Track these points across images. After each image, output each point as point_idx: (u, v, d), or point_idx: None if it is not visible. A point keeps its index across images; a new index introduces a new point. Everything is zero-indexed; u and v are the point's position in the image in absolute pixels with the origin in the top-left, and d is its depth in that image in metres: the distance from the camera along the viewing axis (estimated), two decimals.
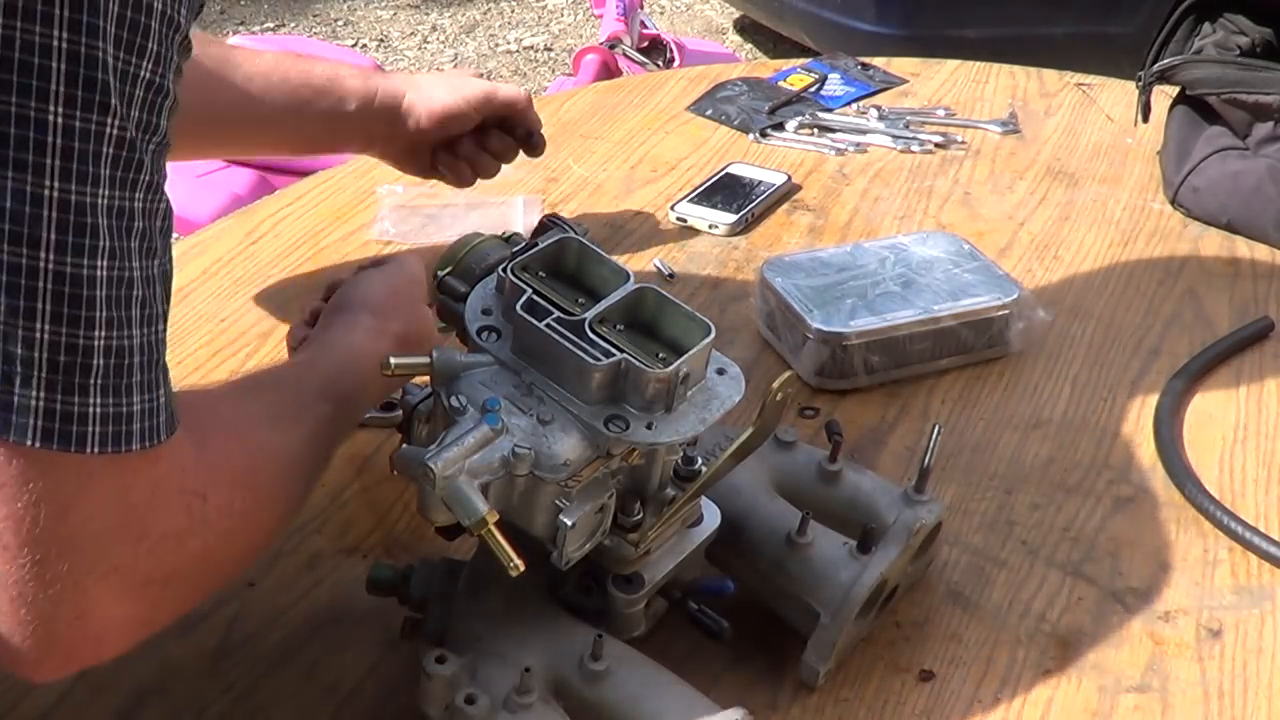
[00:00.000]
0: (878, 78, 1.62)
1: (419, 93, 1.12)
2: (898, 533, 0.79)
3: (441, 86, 1.14)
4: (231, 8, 4.45)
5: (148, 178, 0.56)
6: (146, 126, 0.55)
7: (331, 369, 0.77)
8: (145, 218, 0.56)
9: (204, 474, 0.60)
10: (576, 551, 0.69)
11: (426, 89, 1.13)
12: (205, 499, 0.60)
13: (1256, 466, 1.00)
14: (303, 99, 1.09)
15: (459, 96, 1.12)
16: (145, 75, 0.55)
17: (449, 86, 1.14)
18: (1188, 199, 1.34)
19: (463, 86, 1.14)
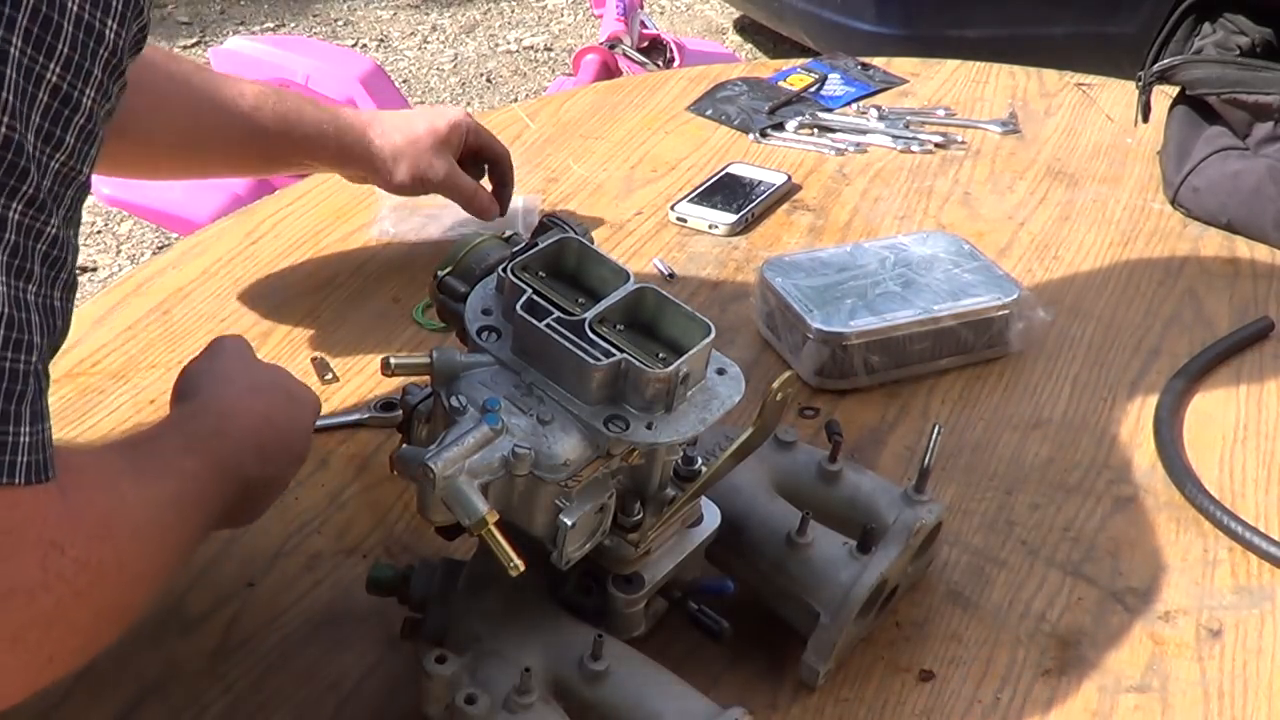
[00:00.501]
0: (878, 78, 1.61)
1: (399, 145, 1.14)
2: (898, 533, 0.79)
3: (425, 144, 1.16)
4: (231, 8, 4.45)
5: (31, 191, 0.50)
6: (46, 137, 0.51)
7: (201, 427, 0.73)
8: (21, 233, 0.50)
9: (64, 524, 0.54)
10: (576, 551, 0.69)
11: (404, 141, 1.15)
12: (63, 551, 0.54)
13: (1256, 466, 1.00)
14: (276, 137, 1.09)
15: (436, 156, 1.15)
16: (51, 79, 0.50)
17: (429, 140, 1.16)
18: (1188, 199, 1.34)
19: (443, 133, 1.16)
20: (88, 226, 3.14)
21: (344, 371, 1.06)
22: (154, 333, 1.10)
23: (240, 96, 1.07)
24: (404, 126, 1.15)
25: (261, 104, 1.08)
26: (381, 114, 1.18)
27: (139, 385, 1.03)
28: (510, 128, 1.48)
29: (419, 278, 1.18)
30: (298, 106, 1.11)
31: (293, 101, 1.11)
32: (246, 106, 1.07)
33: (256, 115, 1.08)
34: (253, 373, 0.81)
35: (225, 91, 1.07)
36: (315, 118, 1.11)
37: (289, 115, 1.09)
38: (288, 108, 1.10)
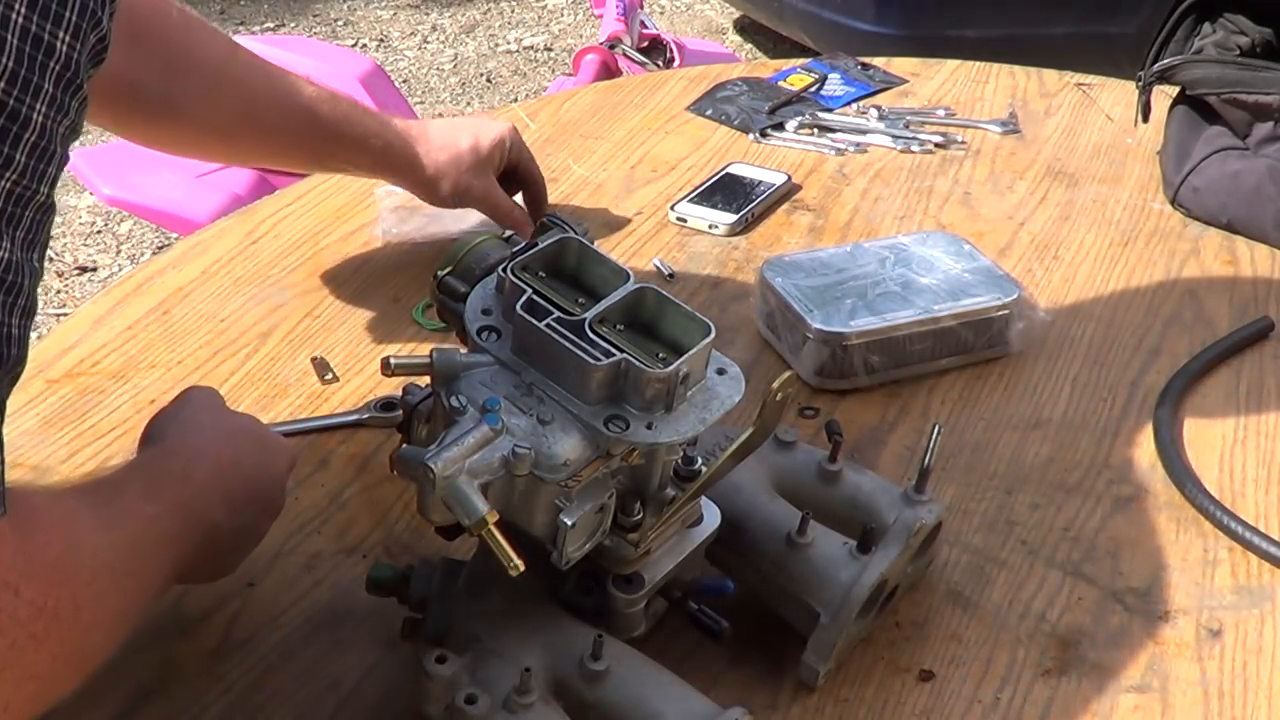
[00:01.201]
0: (878, 78, 1.61)
1: (443, 165, 1.16)
2: (898, 533, 0.79)
3: (469, 165, 1.17)
4: (231, 8, 4.45)
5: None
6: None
7: (165, 471, 0.71)
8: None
9: (18, 565, 0.52)
10: (576, 551, 0.69)
11: (449, 163, 1.16)
12: (17, 592, 0.52)
13: (1256, 466, 1.00)
14: (330, 146, 1.11)
15: (482, 179, 1.18)
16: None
17: (474, 160, 1.18)
18: (1188, 199, 1.34)
19: (486, 152, 1.18)
20: (87, 226, 3.14)
21: (344, 371, 1.06)
22: (154, 333, 1.10)
23: (298, 91, 1.08)
24: (449, 143, 1.16)
25: (318, 102, 1.09)
26: (429, 127, 1.18)
27: (139, 385, 1.03)
28: None
29: (419, 278, 1.18)
30: (351, 110, 1.12)
31: (346, 105, 1.11)
32: (304, 101, 1.08)
33: (312, 111, 1.08)
34: (222, 420, 0.80)
35: (283, 83, 1.08)
36: (367, 124, 1.12)
37: (343, 117, 1.10)
38: (343, 110, 1.11)
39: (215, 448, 0.75)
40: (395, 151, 1.13)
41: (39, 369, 1.04)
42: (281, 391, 1.03)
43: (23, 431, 0.97)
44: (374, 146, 1.12)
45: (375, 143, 1.12)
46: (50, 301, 2.85)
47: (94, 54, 0.52)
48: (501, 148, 1.18)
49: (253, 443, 0.79)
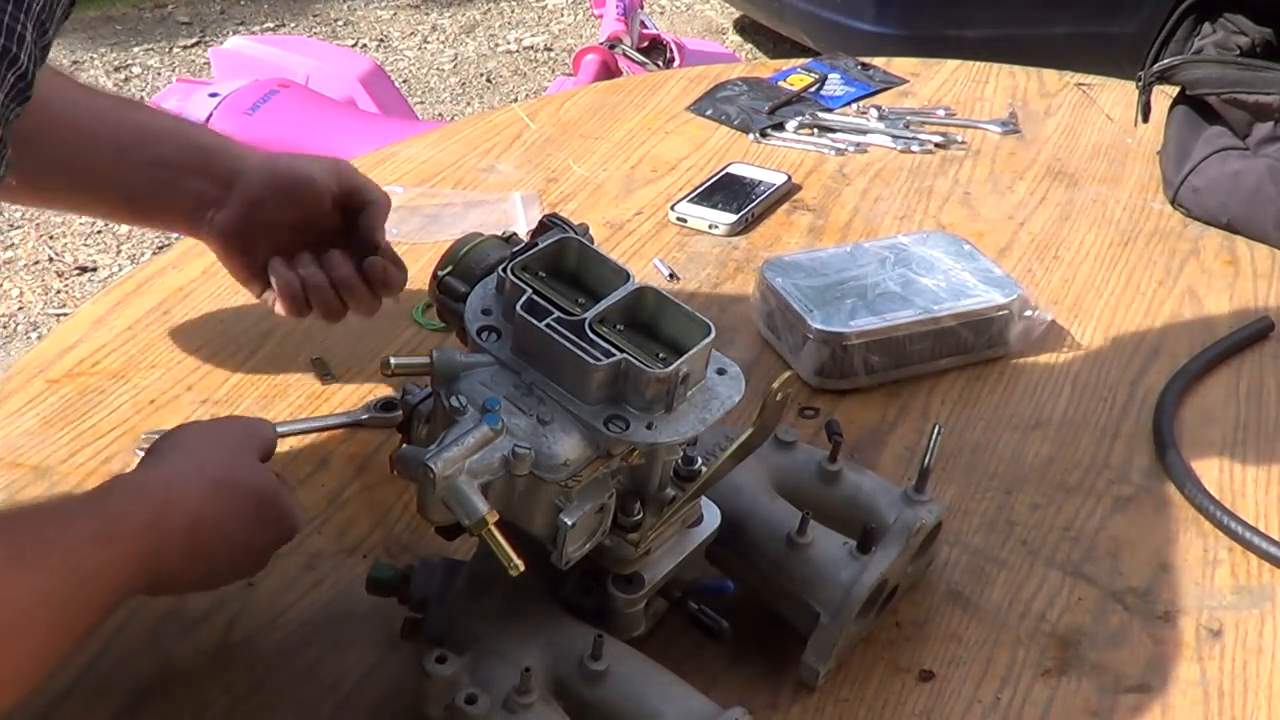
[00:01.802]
0: (878, 78, 1.61)
1: (264, 156, 0.98)
2: (898, 533, 0.79)
3: (291, 156, 1.00)
4: (231, 8, 4.45)
5: None
6: None
7: (132, 513, 0.67)
8: None
9: None
10: (576, 551, 0.69)
11: (272, 155, 0.98)
12: None
13: (1256, 466, 1.00)
14: (129, 142, 0.94)
15: (311, 164, 0.98)
16: None
17: (299, 156, 1.00)
18: (1188, 199, 1.34)
19: (318, 159, 1.00)
20: (87, 226, 3.14)
21: (344, 371, 1.06)
22: (154, 333, 1.10)
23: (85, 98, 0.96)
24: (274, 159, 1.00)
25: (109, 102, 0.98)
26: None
27: (139, 385, 1.03)
28: (510, 128, 1.48)
29: (419, 278, 1.18)
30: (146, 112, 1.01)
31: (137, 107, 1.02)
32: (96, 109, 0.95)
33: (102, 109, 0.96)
34: (234, 469, 0.75)
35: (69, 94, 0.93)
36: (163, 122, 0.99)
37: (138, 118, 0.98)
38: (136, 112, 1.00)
39: (203, 500, 0.71)
40: (207, 138, 0.99)
41: (39, 369, 1.04)
42: (281, 391, 1.03)
43: (23, 431, 0.97)
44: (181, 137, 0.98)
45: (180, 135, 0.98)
46: (50, 301, 2.85)
47: (16, 92, 0.52)
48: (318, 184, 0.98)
49: (252, 507, 0.74)
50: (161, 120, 0.99)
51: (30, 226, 3.15)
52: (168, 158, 0.94)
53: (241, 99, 2.24)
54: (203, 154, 0.96)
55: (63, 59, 4.01)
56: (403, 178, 1.36)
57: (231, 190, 0.95)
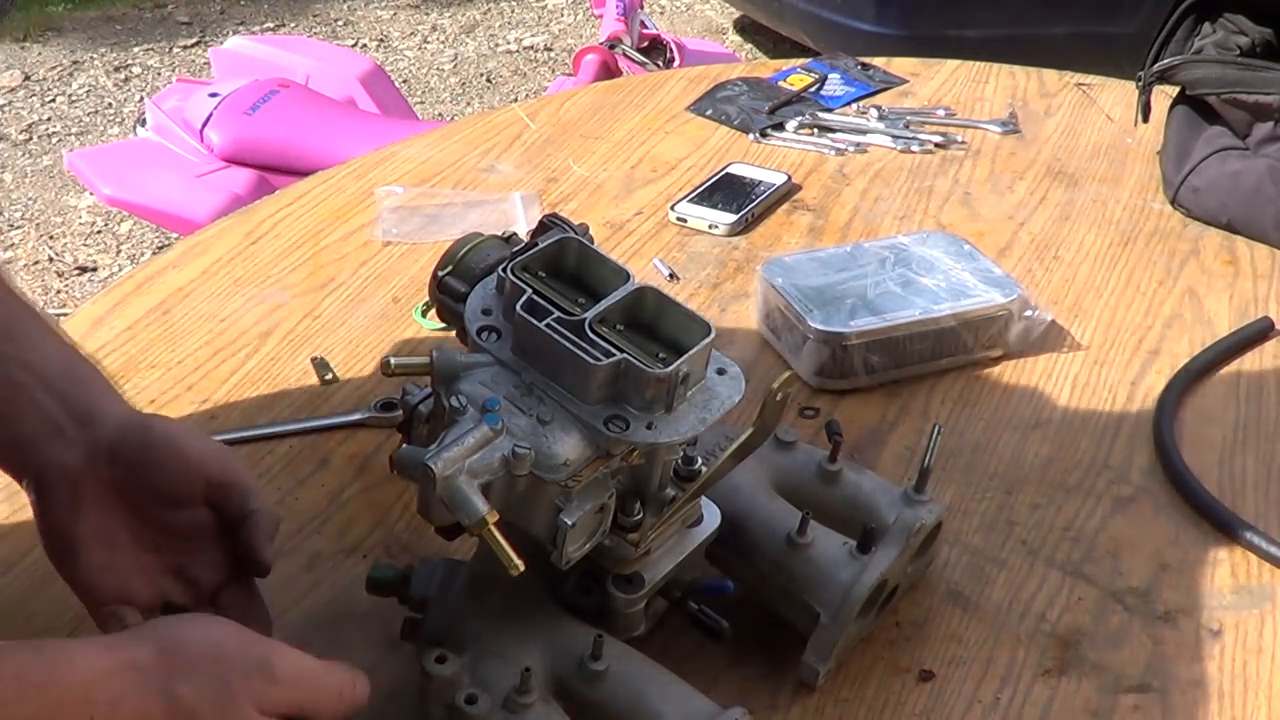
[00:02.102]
0: (878, 78, 1.61)
1: (133, 411, 0.76)
2: (898, 533, 0.79)
3: (169, 420, 0.79)
4: (231, 8, 4.45)
5: None
6: None
7: (45, 696, 0.57)
8: None
9: None
10: (576, 551, 0.69)
11: (147, 415, 0.78)
12: None
13: (1256, 466, 1.00)
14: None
15: (191, 434, 0.77)
16: None
17: (178, 424, 0.80)
18: (1188, 199, 1.34)
19: (202, 436, 0.79)
20: (87, 226, 3.14)
21: (344, 371, 1.06)
22: (154, 333, 1.10)
23: None
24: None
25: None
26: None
27: (139, 385, 1.03)
28: (510, 128, 1.48)
29: (419, 278, 1.18)
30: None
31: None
32: None
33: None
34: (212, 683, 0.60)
35: None
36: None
37: None
38: None
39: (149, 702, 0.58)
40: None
41: None
42: (281, 391, 1.03)
43: None
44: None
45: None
46: (50, 301, 2.85)
47: None
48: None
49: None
50: (38, 322, 0.76)
51: (30, 226, 3.15)
52: (33, 365, 0.73)
53: (241, 99, 2.24)
54: (75, 378, 0.74)
55: (62, 59, 4.02)
56: (403, 178, 1.36)
57: (85, 429, 0.72)
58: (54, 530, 0.72)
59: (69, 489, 0.72)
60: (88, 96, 3.81)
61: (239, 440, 0.97)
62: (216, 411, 1.01)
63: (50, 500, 0.72)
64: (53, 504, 0.72)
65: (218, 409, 1.01)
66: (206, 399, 1.02)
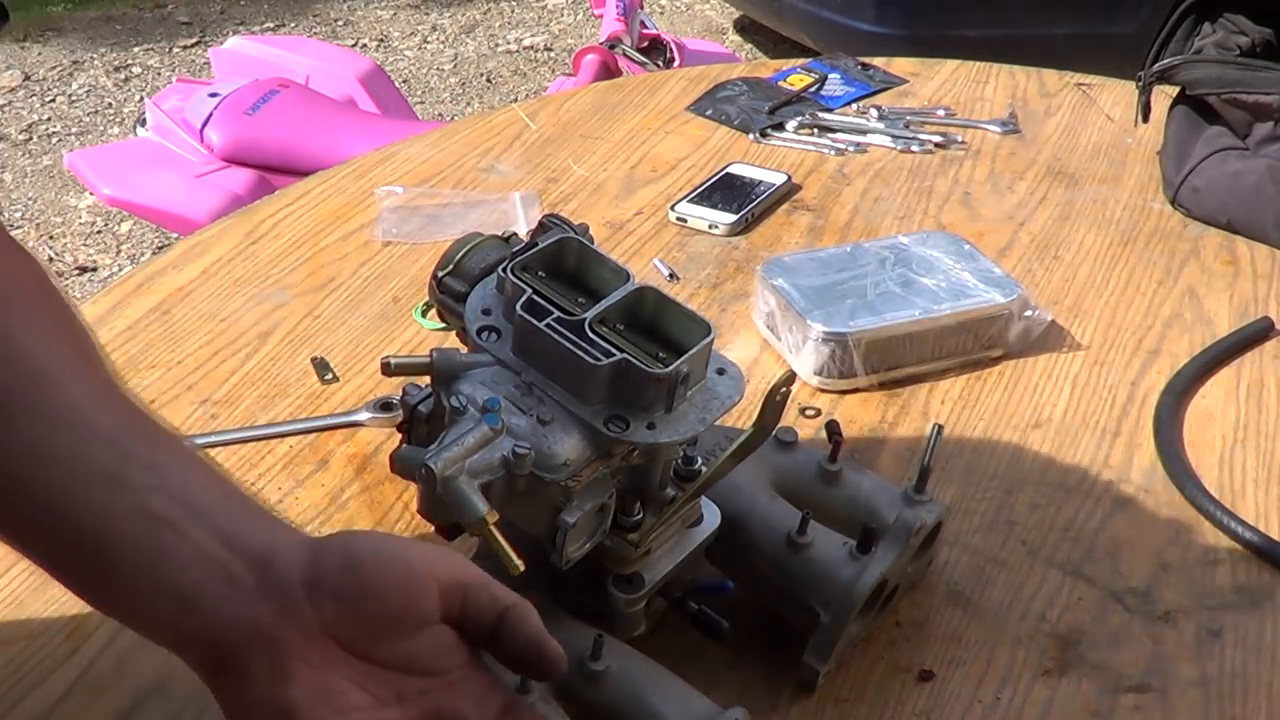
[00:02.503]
0: (878, 78, 1.62)
1: (307, 537, 0.60)
2: (898, 533, 0.79)
3: (357, 534, 0.67)
4: (231, 8, 4.45)
5: None
6: None
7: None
8: None
9: None
10: (576, 551, 0.69)
11: (325, 538, 0.60)
12: None
13: (1256, 466, 1.00)
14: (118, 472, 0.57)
15: (402, 544, 0.61)
16: None
17: (375, 535, 0.69)
18: (1188, 199, 1.34)
19: (411, 542, 0.63)
20: (87, 226, 3.14)
21: (344, 371, 1.06)
22: (154, 333, 1.10)
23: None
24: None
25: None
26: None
27: (139, 385, 1.03)
28: (510, 128, 1.48)
29: (419, 278, 1.18)
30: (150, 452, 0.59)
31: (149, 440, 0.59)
32: None
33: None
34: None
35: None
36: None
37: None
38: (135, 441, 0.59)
39: None
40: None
41: None
42: (281, 391, 1.03)
43: None
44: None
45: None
46: None
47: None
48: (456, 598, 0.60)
49: None
50: (181, 447, 0.61)
51: (30, 226, 3.15)
52: (180, 495, 0.57)
53: (241, 99, 2.25)
54: (233, 509, 0.59)
55: (62, 59, 4.02)
56: (403, 178, 1.36)
57: (267, 569, 0.57)
58: (260, 710, 0.55)
59: (268, 652, 0.55)
60: (88, 96, 3.82)
61: (239, 440, 0.97)
62: (216, 411, 1.01)
63: (244, 673, 0.55)
64: (250, 677, 0.55)
65: (218, 409, 1.01)
66: (206, 399, 1.02)
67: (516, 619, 0.60)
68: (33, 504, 0.56)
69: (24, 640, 0.80)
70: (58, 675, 0.78)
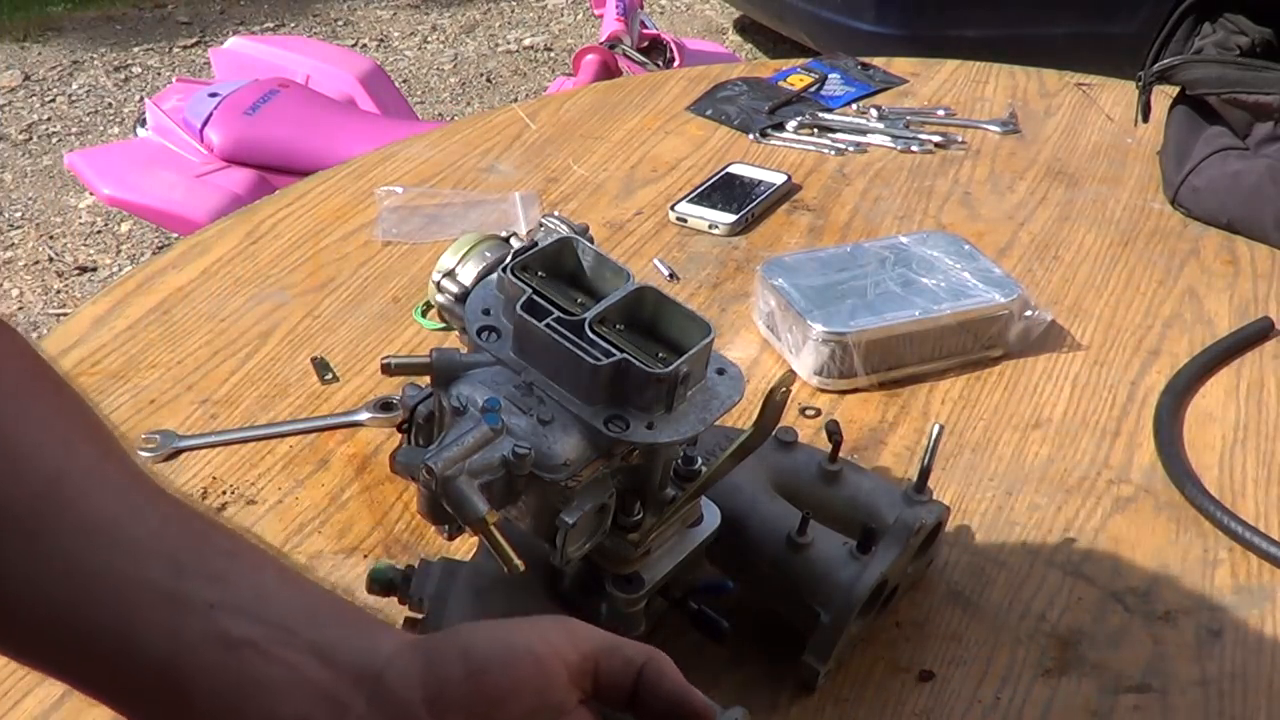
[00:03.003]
0: (878, 78, 1.62)
1: (410, 638, 0.52)
2: (898, 533, 0.79)
3: (470, 628, 0.54)
4: (231, 8, 4.45)
5: None
6: None
7: None
8: None
9: None
10: (576, 551, 0.69)
11: (431, 637, 0.53)
12: None
13: (1256, 466, 1.00)
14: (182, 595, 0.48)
15: (518, 631, 0.54)
16: None
17: (489, 626, 0.54)
18: (1188, 199, 1.34)
19: (526, 623, 0.55)
20: (87, 226, 3.14)
21: (344, 371, 1.06)
22: (154, 333, 1.10)
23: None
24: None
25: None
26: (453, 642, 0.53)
27: (139, 385, 1.03)
28: (510, 128, 1.48)
29: (419, 278, 1.18)
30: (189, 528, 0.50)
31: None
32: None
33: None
34: None
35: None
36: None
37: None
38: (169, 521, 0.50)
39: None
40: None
41: None
42: (281, 391, 1.04)
43: None
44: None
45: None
46: (50, 301, 2.85)
47: None
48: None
49: None
50: (248, 550, 0.52)
51: (30, 227, 3.15)
52: (258, 611, 0.49)
53: (241, 99, 2.24)
54: (312, 613, 0.51)
55: (62, 59, 4.02)
56: (403, 178, 1.36)
57: (378, 688, 0.49)
58: None
59: None
60: (88, 96, 3.82)
61: (239, 440, 0.97)
62: (216, 411, 1.01)
63: None
64: None
65: (218, 409, 1.01)
66: (206, 399, 1.02)
67: (654, 675, 0.55)
68: (74, 637, 0.47)
69: None
70: None
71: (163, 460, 0.95)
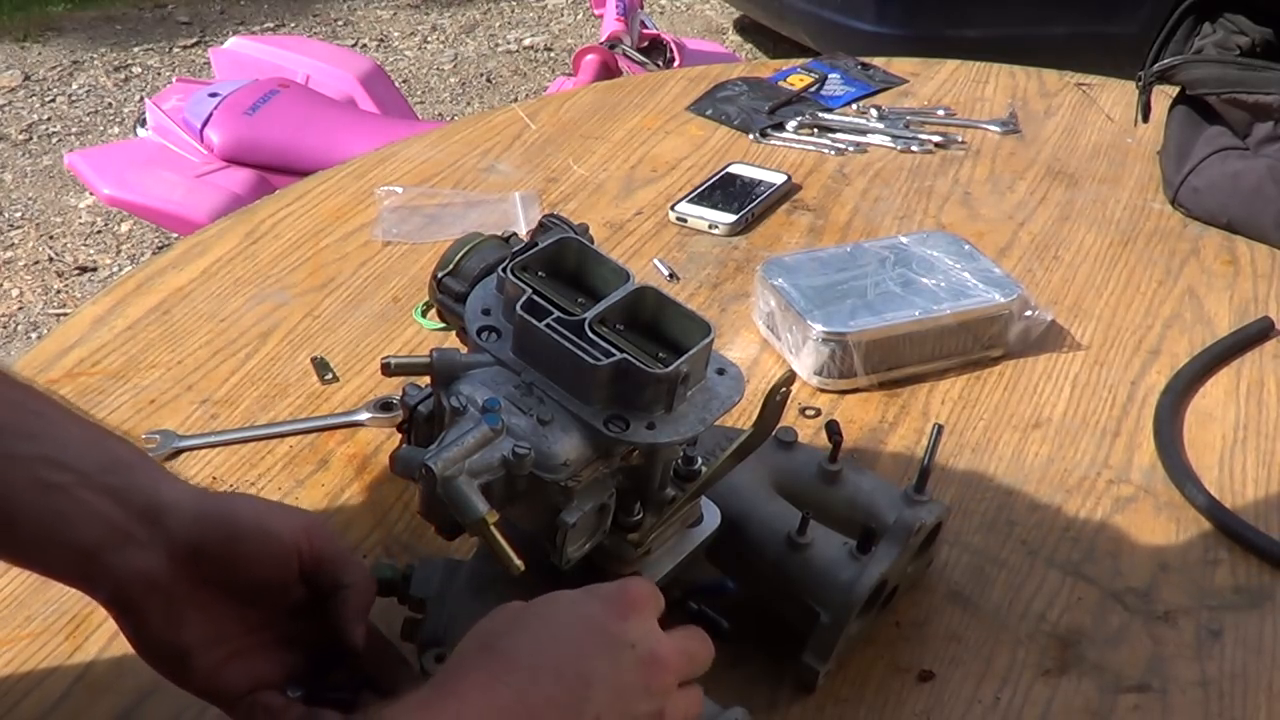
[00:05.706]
0: (878, 78, 1.62)
1: (196, 492, 0.68)
2: (897, 533, 0.79)
3: (236, 497, 0.77)
4: (231, 8, 4.45)
5: None
6: None
7: None
8: None
9: None
10: (576, 551, 0.69)
11: (208, 493, 0.70)
12: None
13: (1256, 466, 1.00)
14: (9, 428, 0.64)
15: (271, 512, 0.69)
16: None
17: (252, 499, 0.75)
18: (1188, 199, 1.34)
19: (281, 507, 0.71)
20: (87, 226, 3.14)
21: (344, 371, 1.06)
22: (154, 333, 1.10)
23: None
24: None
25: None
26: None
27: (139, 385, 1.03)
28: (510, 128, 1.48)
29: (419, 278, 1.18)
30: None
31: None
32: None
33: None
34: (559, 673, 0.61)
35: None
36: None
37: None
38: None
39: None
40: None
41: (39, 369, 1.04)
42: (281, 391, 1.04)
43: None
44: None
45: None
46: (50, 301, 2.85)
47: None
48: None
49: None
50: (56, 410, 0.67)
51: (30, 226, 3.15)
52: (65, 460, 0.63)
53: (241, 99, 2.24)
54: (118, 467, 0.65)
55: (62, 59, 4.02)
56: (403, 178, 1.36)
57: (156, 526, 0.64)
58: (158, 645, 0.65)
59: (162, 600, 0.64)
60: (88, 96, 3.81)
61: (239, 440, 0.97)
62: (216, 411, 1.01)
63: (142, 615, 0.64)
64: (147, 619, 0.64)
65: (218, 409, 1.01)
66: (206, 399, 1.02)
67: (340, 600, 0.69)
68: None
69: (24, 640, 0.80)
70: (58, 675, 0.78)
71: (163, 460, 0.95)
